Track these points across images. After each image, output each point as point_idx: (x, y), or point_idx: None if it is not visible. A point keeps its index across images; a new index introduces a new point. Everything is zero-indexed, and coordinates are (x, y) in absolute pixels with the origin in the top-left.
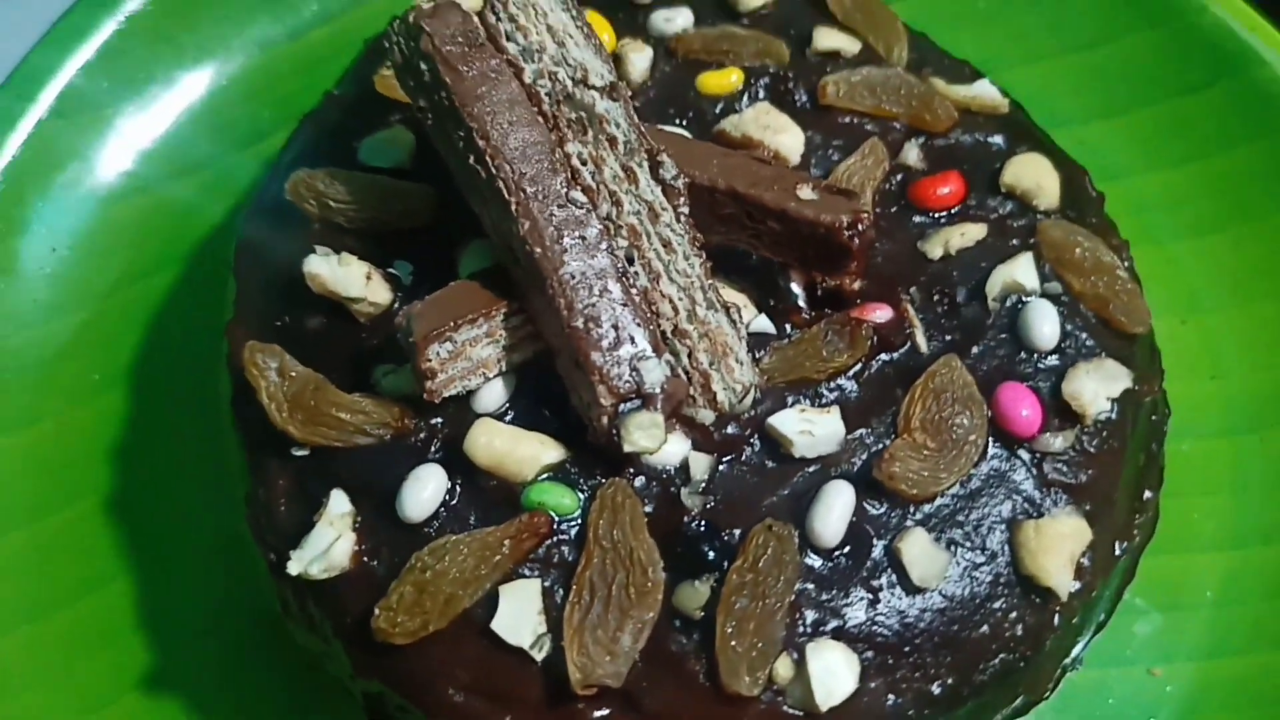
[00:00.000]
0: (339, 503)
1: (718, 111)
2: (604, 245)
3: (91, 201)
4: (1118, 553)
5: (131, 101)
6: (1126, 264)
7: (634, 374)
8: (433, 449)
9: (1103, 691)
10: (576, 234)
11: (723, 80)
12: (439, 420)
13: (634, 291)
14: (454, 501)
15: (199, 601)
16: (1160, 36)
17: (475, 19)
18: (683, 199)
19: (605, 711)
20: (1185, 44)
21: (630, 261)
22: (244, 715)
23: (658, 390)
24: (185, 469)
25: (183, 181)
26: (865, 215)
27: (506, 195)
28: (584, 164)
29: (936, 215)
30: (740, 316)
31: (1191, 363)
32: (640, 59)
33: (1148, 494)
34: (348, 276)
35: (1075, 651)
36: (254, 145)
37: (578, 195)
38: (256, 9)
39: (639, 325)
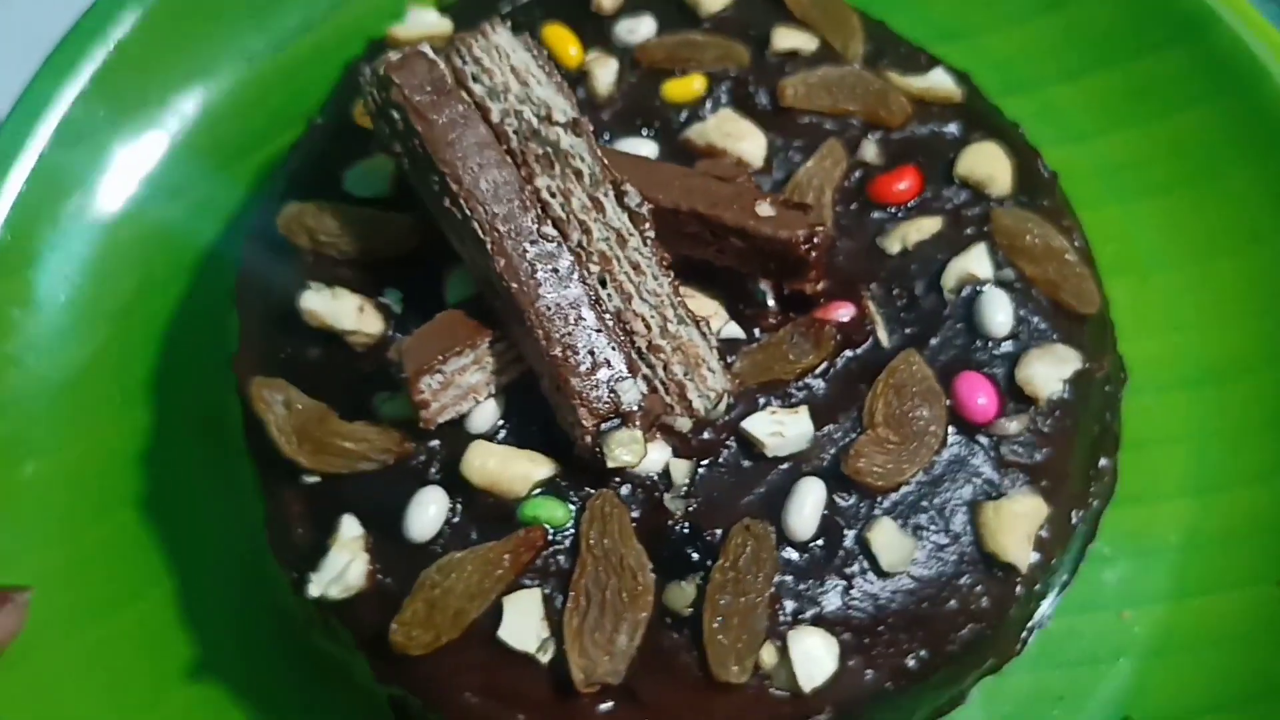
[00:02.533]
0: (350, 527)
1: (683, 119)
2: (575, 275)
3: (97, 228)
4: (1074, 521)
5: (128, 127)
6: (1077, 245)
7: (612, 395)
8: (432, 471)
9: (1074, 637)
10: (549, 267)
11: (686, 87)
12: (437, 443)
13: (607, 315)
14: (455, 520)
15: (229, 607)
16: None
17: (442, 65)
18: (648, 224)
19: (608, 705)
20: (1145, 5)
21: (603, 284)
22: (279, 712)
23: (635, 408)
24: (206, 482)
25: (182, 200)
26: (820, 228)
27: (481, 235)
28: (553, 196)
29: (894, 210)
30: (709, 328)
31: (1152, 319)
32: (605, 72)
33: (1103, 461)
34: (341, 310)
35: (1040, 613)
36: (248, 157)
37: (549, 230)
38: (241, 23)
39: (614, 348)
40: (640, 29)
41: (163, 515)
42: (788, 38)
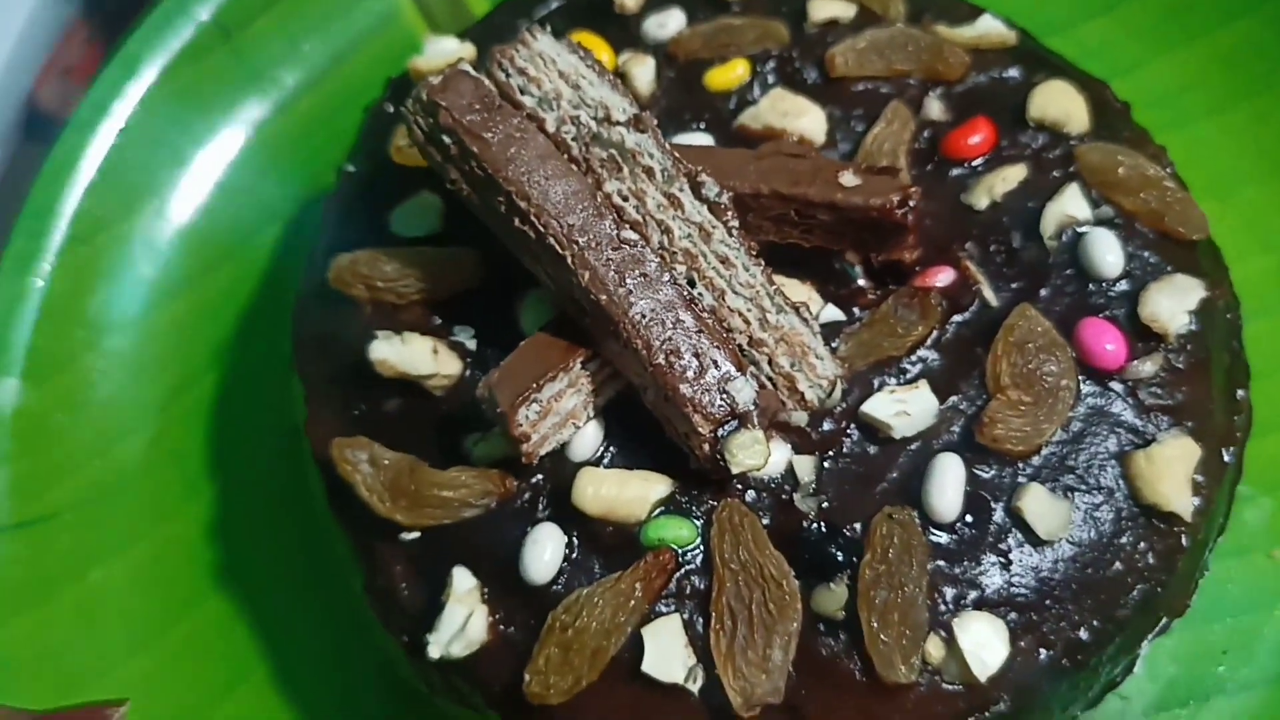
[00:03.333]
0: (463, 579)
1: (733, 107)
2: (665, 277)
3: (129, 318)
4: (1226, 459)
5: (142, 212)
6: (1169, 170)
7: (725, 397)
8: (541, 507)
9: (1225, 584)
10: (637, 273)
11: (729, 74)
12: (539, 477)
13: (705, 314)
14: (575, 555)
15: (333, 684)
16: None
17: (487, 81)
18: (730, 213)
19: None
20: None
21: (692, 284)
22: None
23: (751, 407)
24: (286, 558)
25: (209, 278)
26: (913, 190)
27: (560, 250)
28: (626, 200)
29: (973, 164)
30: (810, 312)
31: (1244, 242)
32: (644, 72)
33: (1240, 393)
34: (415, 355)
35: (1203, 561)
36: (270, 226)
37: (629, 234)
38: (241, 92)
39: (718, 348)
40: (670, 23)
41: (246, 599)
42: (825, 8)
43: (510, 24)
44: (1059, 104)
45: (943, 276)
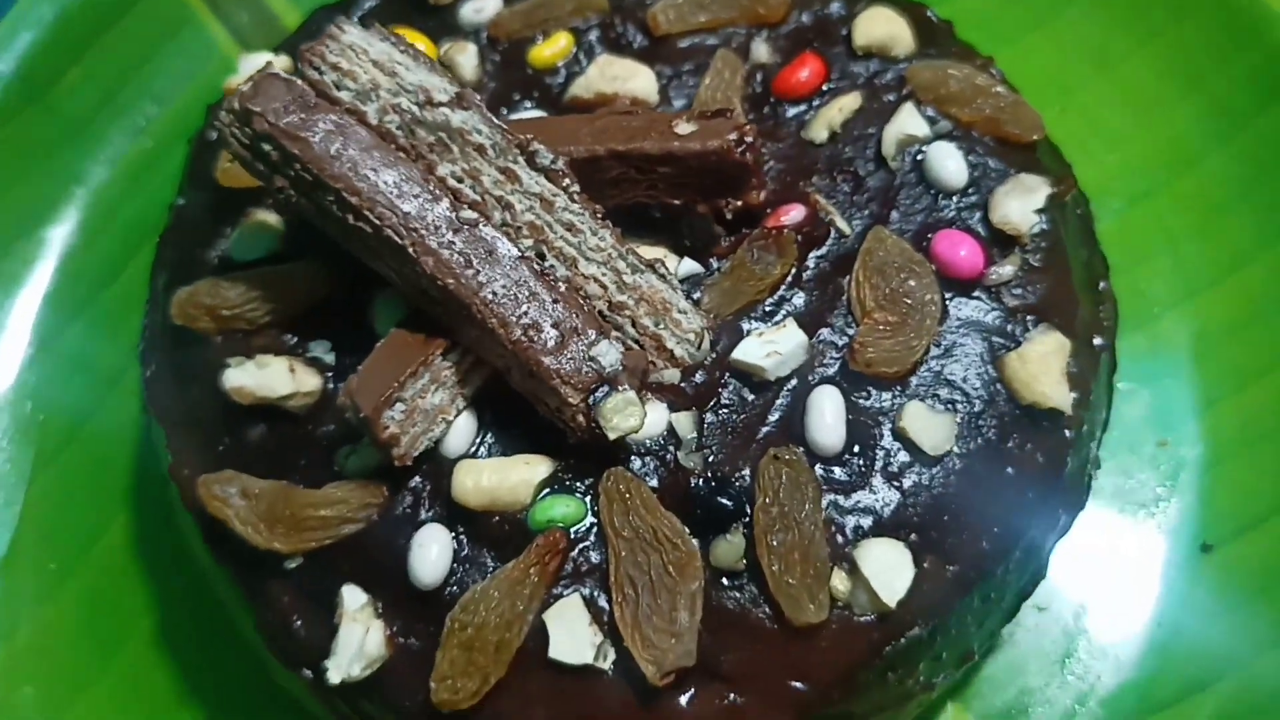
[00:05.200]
0: (353, 597)
1: (562, 80)
2: (513, 253)
3: None
4: (1097, 346)
5: None
6: (999, 77)
7: (590, 363)
8: (424, 509)
9: (1124, 477)
10: (483, 251)
11: (553, 48)
12: (418, 480)
13: (559, 284)
14: (464, 551)
15: None
16: None
17: (300, 81)
18: (568, 179)
19: (690, 692)
20: None
21: (542, 257)
22: None
23: (619, 369)
24: (179, 621)
25: (61, 341)
26: (748, 127)
27: (399, 240)
28: (461, 181)
29: (809, 101)
30: (667, 269)
31: (1086, 144)
32: (467, 59)
33: (1102, 284)
34: (271, 378)
35: (1092, 455)
36: (114, 284)
37: (468, 214)
38: (64, 150)
39: (576, 316)
40: (486, 6)
41: (142, 674)
42: None
43: (323, 29)
44: (883, 29)
45: (793, 214)
